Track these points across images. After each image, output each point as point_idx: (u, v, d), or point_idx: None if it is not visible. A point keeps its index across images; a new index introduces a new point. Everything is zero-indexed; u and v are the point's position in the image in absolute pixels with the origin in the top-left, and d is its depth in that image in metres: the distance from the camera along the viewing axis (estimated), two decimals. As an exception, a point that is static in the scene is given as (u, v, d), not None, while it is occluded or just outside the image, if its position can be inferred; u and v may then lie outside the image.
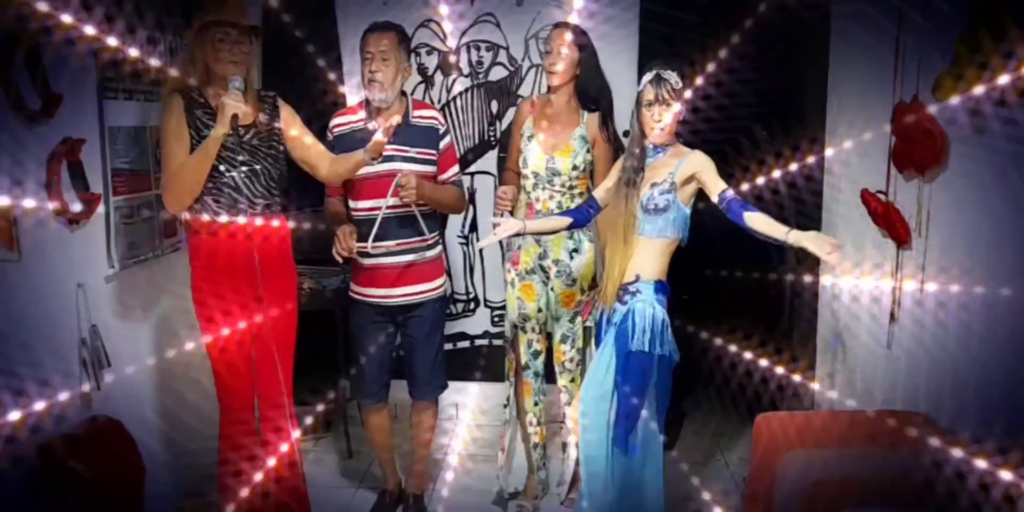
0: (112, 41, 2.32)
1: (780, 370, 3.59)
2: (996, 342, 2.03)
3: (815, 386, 3.29)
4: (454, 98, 3.67)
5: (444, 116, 3.42)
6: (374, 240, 2.66)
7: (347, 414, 3.61)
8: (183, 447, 2.89)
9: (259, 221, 2.54)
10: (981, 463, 1.84)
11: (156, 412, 2.83)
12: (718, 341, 3.74)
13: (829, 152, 3.17)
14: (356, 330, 2.91)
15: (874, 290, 2.72)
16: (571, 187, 2.86)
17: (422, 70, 3.65)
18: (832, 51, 3.10)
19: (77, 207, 2.37)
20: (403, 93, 2.81)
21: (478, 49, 3.63)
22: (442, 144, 2.82)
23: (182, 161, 2.42)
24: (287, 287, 2.67)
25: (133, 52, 2.50)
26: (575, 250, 2.90)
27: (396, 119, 2.52)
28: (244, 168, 2.49)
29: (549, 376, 3.09)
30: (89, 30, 2.18)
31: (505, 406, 3.11)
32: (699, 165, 2.39)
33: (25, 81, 2.15)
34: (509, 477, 3.13)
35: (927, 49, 2.32)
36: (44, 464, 2.12)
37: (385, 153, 2.61)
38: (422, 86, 3.66)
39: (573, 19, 3.14)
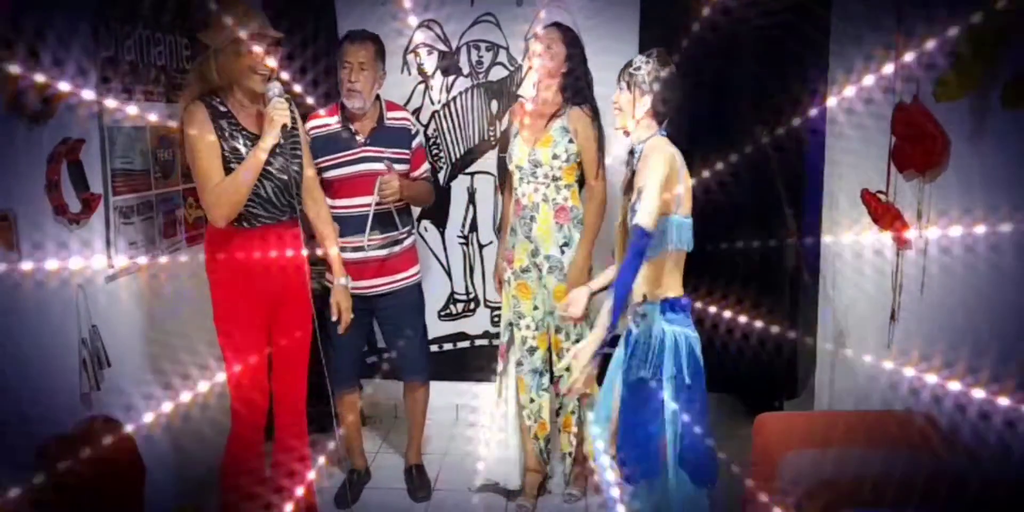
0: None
1: (781, 366, 3.58)
2: (996, 343, 2.03)
3: (822, 350, 3.28)
4: (454, 98, 3.67)
5: (444, 116, 3.46)
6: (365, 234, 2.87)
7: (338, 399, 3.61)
8: (184, 447, 2.89)
9: (283, 230, 2.53)
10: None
11: (156, 412, 2.83)
12: (716, 343, 3.72)
13: (830, 152, 3.17)
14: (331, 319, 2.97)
15: (874, 289, 2.72)
16: (555, 178, 2.90)
17: (422, 70, 3.65)
18: (832, 51, 3.10)
19: (77, 207, 2.38)
20: (376, 97, 2.94)
21: (478, 49, 3.63)
22: (414, 143, 2.99)
23: (224, 176, 2.37)
24: (303, 288, 2.65)
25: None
26: (565, 245, 2.94)
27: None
28: (274, 177, 2.46)
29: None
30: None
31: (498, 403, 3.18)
32: (643, 169, 2.18)
33: (25, 81, 2.15)
34: (494, 470, 3.17)
35: (927, 49, 2.32)
36: (44, 464, 2.11)
37: (362, 154, 2.88)
38: (422, 86, 3.66)
39: (570, 16, 3.17)
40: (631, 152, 2.35)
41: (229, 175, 2.38)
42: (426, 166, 3.08)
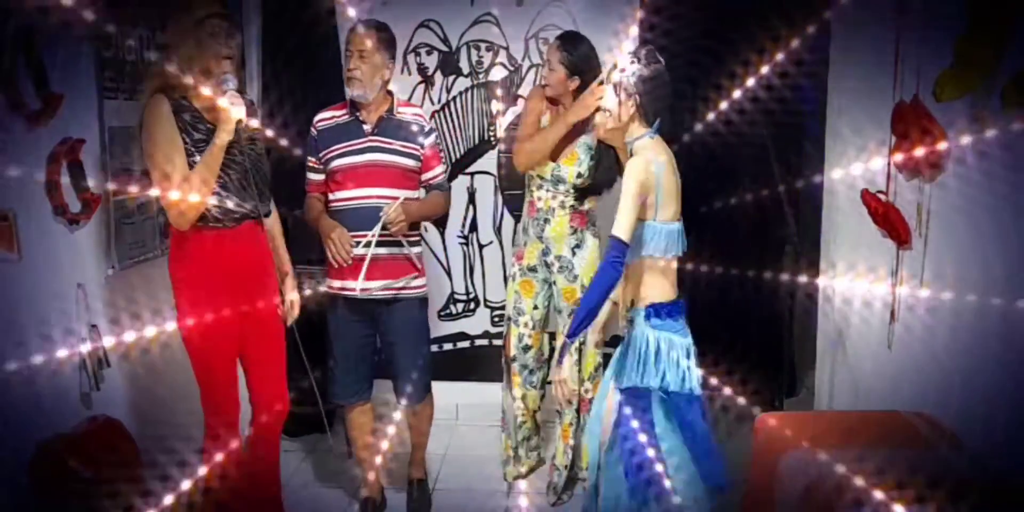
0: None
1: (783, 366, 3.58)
2: (996, 341, 2.03)
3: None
4: (454, 98, 3.67)
5: (444, 116, 3.40)
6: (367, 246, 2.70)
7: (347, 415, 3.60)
8: (183, 447, 2.89)
9: (247, 227, 2.49)
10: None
11: (156, 412, 2.83)
12: (716, 343, 3.70)
13: (829, 151, 3.17)
14: (333, 326, 2.89)
15: (874, 290, 2.72)
16: (577, 190, 2.93)
17: (422, 70, 3.65)
18: (832, 51, 3.10)
19: (77, 207, 2.38)
20: (389, 92, 2.83)
21: (478, 49, 3.63)
22: (427, 142, 2.84)
23: (185, 174, 2.30)
24: (272, 286, 2.63)
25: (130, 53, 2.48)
26: (577, 246, 2.95)
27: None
28: (237, 171, 2.44)
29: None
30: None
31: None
32: (623, 178, 2.17)
33: (25, 81, 2.15)
34: (509, 467, 3.18)
35: (927, 49, 2.32)
36: (44, 464, 2.12)
37: (368, 144, 2.75)
38: (422, 86, 3.66)
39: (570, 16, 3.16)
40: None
41: (187, 175, 2.30)
42: (440, 169, 2.91)
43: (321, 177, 2.82)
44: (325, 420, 2.83)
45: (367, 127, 2.78)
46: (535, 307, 3.03)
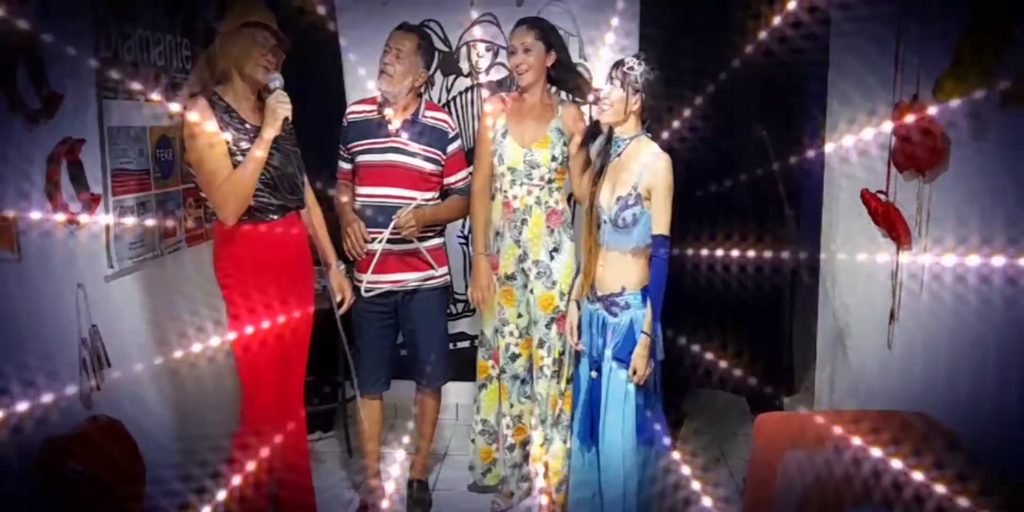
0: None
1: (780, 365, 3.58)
2: (995, 341, 2.03)
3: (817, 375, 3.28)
4: (454, 98, 3.67)
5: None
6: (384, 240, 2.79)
7: (347, 414, 3.61)
8: (184, 447, 2.89)
9: (289, 219, 2.53)
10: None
11: (156, 412, 2.83)
12: (717, 343, 3.72)
13: (829, 152, 3.17)
14: (357, 318, 2.94)
15: (874, 290, 2.72)
16: (550, 180, 2.86)
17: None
18: (832, 51, 3.10)
19: (77, 207, 2.37)
20: (419, 96, 2.90)
21: (478, 49, 3.63)
22: (450, 148, 2.91)
23: (230, 171, 2.33)
24: (310, 288, 2.66)
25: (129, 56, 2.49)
26: (555, 249, 2.88)
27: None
28: (279, 167, 2.46)
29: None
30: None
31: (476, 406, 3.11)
32: (656, 182, 2.37)
33: (25, 81, 2.15)
34: (475, 472, 3.15)
35: (927, 49, 2.32)
36: (44, 464, 2.11)
37: (391, 145, 2.82)
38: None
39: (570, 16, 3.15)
40: (608, 141, 2.50)
41: (234, 171, 2.34)
42: (464, 173, 2.96)
43: (350, 166, 2.92)
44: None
45: (391, 127, 2.84)
46: (519, 315, 2.95)
